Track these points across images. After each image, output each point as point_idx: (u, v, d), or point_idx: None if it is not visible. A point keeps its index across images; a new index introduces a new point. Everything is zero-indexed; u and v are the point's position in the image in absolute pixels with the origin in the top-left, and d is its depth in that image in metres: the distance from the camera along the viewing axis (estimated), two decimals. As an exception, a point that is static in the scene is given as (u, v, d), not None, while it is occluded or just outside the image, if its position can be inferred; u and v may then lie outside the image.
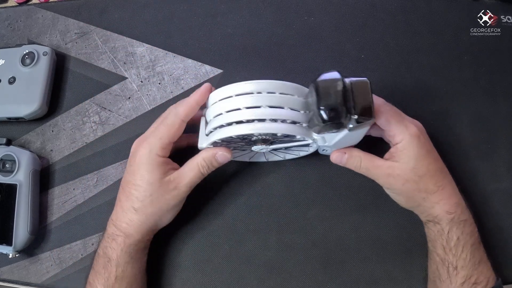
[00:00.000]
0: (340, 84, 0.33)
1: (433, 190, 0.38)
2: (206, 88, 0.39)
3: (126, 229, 0.40)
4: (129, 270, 0.40)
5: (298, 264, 0.44)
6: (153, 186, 0.39)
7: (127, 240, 0.40)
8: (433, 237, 0.39)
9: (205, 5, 0.54)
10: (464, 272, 0.37)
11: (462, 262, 0.37)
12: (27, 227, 0.46)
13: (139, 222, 0.40)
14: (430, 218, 0.39)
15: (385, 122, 0.38)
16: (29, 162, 0.48)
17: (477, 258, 0.38)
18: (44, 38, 0.56)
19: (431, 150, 0.40)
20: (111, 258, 0.40)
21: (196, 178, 0.41)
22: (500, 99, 0.48)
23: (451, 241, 0.38)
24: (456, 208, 0.38)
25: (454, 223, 0.38)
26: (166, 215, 0.42)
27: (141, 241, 0.41)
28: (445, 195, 0.39)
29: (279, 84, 0.36)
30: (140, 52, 0.53)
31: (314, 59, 0.51)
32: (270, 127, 0.35)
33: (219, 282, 0.45)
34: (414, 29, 0.51)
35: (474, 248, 0.38)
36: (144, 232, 0.41)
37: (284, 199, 0.46)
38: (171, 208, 0.41)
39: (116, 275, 0.39)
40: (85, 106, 0.53)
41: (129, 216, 0.40)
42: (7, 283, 0.49)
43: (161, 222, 0.42)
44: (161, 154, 0.40)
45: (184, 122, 0.40)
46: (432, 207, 0.39)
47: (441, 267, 0.38)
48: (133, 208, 0.40)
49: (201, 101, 0.40)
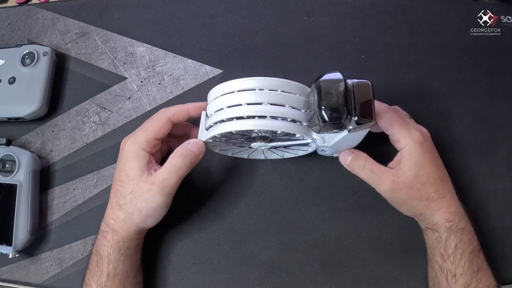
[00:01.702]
0: (342, 85, 0.33)
1: (434, 198, 0.38)
2: (203, 104, 0.41)
3: (113, 226, 0.40)
4: (120, 267, 0.40)
5: (298, 264, 0.44)
6: (133, 183, 0.39)
7: (115, 236, 0.40)
8: (431, 245, 0.40)
9: (205, 5, 0.54)
10: (463, 280, 0.37)
11: (460, 270, 0.37)
12: (27, 227, 0.46)
13: (123, 219, 0.40)
14: (429, 225, 0.39)
15: (388, 125, 0.38)
16: (29, 162, 0.48)
17: (475, 266, 0.38)
18: (44, 38, 0.56)
19: (434, 158, 0.39)
20: (102, 255, 0.40)
21: (173, 176, 0.38)
22: (500, 99, 0.48)
23: (449, 249, 0.38)
24: (455, 216, 0.38)
25: (452, 231, 0.38)
26: (146, 218, 0.40)
27: (129, 238, 0.40)
28: (445, 203, 0.39)
29: (281, 82, 0.36)
30: (140, 52, 0.53)
31: (314, 59, 0.51)
32: (270, 124, 0.35)
33: (219, 282, 0.45)
34: (414, 29, 0.51)
35: (473, 256, 0.38)
36: (130, 230, 0.40)
37: (284, 199, 0.46)
38: (151, 212, 0.39)
39: (108, 272, 0.39)
40: (85, 106, 0.53)
41: (116, 213, 0.40)
42: (7, 283, 0.49)
43: (144, 224, 0.40)
44: (145, 148, 0.40)
45: (171, 120, 0.41)
46: (433, 214, 0.39)
47: (440, 274, 0.38)
48: (118, 204, 0.40)
49: (193, 111, 0.41)
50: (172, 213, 0.45)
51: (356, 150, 0.40)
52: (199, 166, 0.48)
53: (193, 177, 0.48)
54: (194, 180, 0.48)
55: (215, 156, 0.48)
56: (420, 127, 0.40)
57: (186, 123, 0.45)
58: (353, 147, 0.41)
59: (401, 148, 0.39)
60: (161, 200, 0.39)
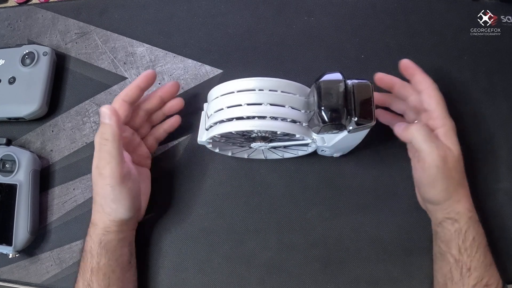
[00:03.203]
0: (342, 85, 0.33)
1: (463, 185, 0.39)
2: (149, 72, 0.43)
3: (93, 220, 0.41)
4: (103, 261, 0.39)
5: (298, 264, 0.45)
6: (94, 172, 0.39)
7: (95, 230, 0.40)
8: (448, 237, 0.39)
9: (205, 5, 0.54)
10: (477, 273, 0.37)
11: (475, 263, 0.37)
12: (27, 227, 0.46)
13: (96, 210, 0.40)
14: (451, 214, 0.39)
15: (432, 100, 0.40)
16: (29, 162, 0.48)
17: (488, 260, 0.38)
18: (44, 38, 0.56)
19: None
20: (86, 250, 0.40)
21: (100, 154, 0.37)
22: (500, 99, 0.48)
23: (467, 241, 0.38)
24: (473, 207, 0.39)
25: (472, 223, 0.38)
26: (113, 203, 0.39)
27: (108, 230, 0.40)
28: (467, 192, 0.39)
29: (281, 82, 0.36)
30: (140, 52, 0.53)
31: (314, 59, 0.51)
32: (270, 125, 0.35)
33: (219, 282, 0.45)
34: (414, 29, 0.51)
35: (487, 250, 0.38)
36: (106, 221, 0.40)
37: (284, 199, 0.46)
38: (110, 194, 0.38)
39: (91, 267, 0.39)
40: (85, 106, 0.53)
41: (94, 207, 0.41)
42: (7, 283, 0.49)
43: (115, 213, 0.39)
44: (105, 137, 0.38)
45: (124, 101, 0.41)
46: (459, 200, 0.38)
47: (454, 268, 0.38)
48: (94, 195, 0.40)
49: (142, 84, 0.43)
50: (172, 213, 0.45)
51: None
52: (200, 166, 0.48)
53: (193, 177, 0.48)
54: (194, 180, 0.48)
55: (215, 156, 0.48)
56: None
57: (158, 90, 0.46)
58: (361, 144, 0.40)
59: (436, 127, 0.39)
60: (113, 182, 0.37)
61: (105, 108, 0.38)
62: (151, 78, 0.43)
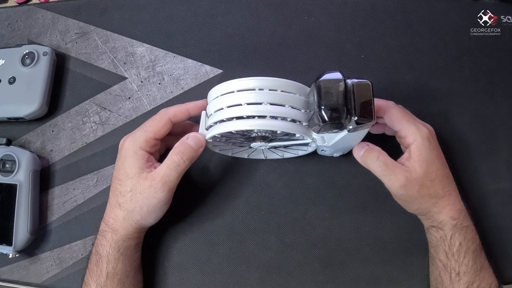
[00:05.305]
0: (341, 85, 0.33)
1: (441, 195, 0.38)
2: (202, 102, 0.41)
3: (113, 225, 0.40)
4: (119, 266, 0.40)
5: (298, 264, 0.44)
6: (133, 181, 0.39)
7: (114, 235, 0.40)
8: (435, 243, 0.39)
9: (205, 5, 0.54)
10: (467, 278, 0.37)
11: (464, 268, 0.37)
12: (27, 227, 0.46)
13: (123, 217, 0.40)
14: (434, 223, 0.39)
15: (396, 121, 0.38)
16: (29, 162, 0.48)
17: (478, 264, 0.38)
18: (44, 38, 0.56)
19: (440, 155, 0.40)
20: (102, 254, 0.40)
21: (172, 172, 0.38)
22: (500, 99, 0.48)
23: (454, 247, 0.38)
24: (459, 214, 0.38)
25: (457, 229, 0.38)
26: (147, 215, 0.40)
27: (129, 237, 0.40)
28: (451, 200, 0.39)
29: (281, 81, 0.36)
30: (140, 52, 0.53)
31: (314, 59, 0.51)
32: (270, 124, 0.35)
33: (219, 282, 0.45)
34: (414, 29, 0.51)
35: (476, 254, 0.38)
36: (129, 229, 0.40)
37: (284, 199, 0.46)
38: (152, 208, 0.39)
39: (107, 272, 0.39)
40: (85, 106, 0.53)
41: (115, 211, 0.40)
42: (7, 283, 0.49)
43: (144, 221, 0.40)
44: (144, 147, 0.40)
45: (171, 121, 0.41)
46: (439, 212, 0.39)
47: (443, 273, 0.38)
48: (118, 203, 0.40)
49: (192, 110, 0.41)
50: (172, 213, 0.45)
51: (371, 144, 0.40)
52: (199, 166, 0.48)
53: (193, 177, 0.48)
54: (194, 180, 0.48)
55: (215, 156, 0.48)
56: (426, 124, 0.40)
57: (191, 123, 0.45)
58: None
59: (408, 144, 0.38)
60: (162, 196, 0.39)
61: (201, 137, 0.39)
62: (201, 108, 0.41)
